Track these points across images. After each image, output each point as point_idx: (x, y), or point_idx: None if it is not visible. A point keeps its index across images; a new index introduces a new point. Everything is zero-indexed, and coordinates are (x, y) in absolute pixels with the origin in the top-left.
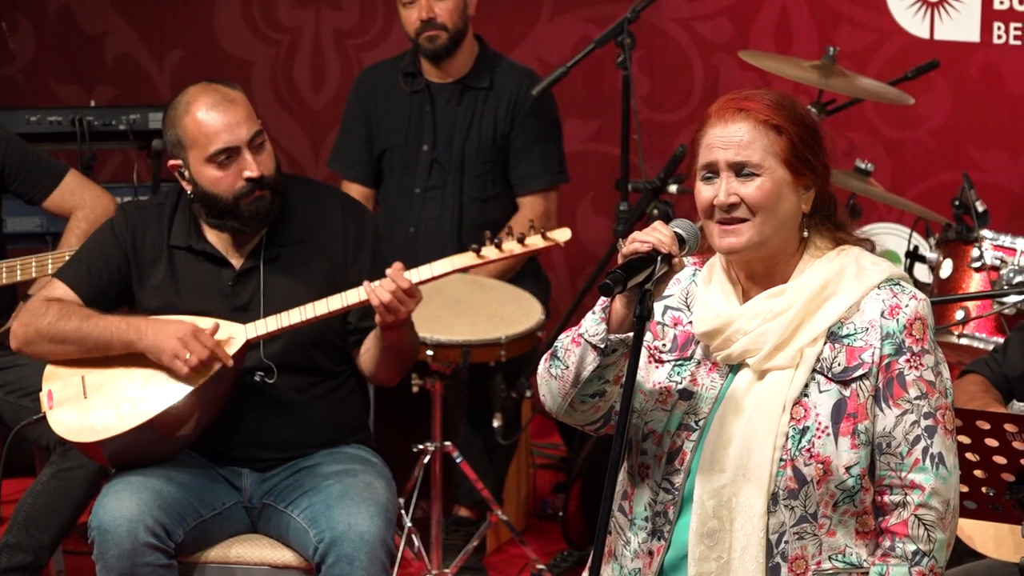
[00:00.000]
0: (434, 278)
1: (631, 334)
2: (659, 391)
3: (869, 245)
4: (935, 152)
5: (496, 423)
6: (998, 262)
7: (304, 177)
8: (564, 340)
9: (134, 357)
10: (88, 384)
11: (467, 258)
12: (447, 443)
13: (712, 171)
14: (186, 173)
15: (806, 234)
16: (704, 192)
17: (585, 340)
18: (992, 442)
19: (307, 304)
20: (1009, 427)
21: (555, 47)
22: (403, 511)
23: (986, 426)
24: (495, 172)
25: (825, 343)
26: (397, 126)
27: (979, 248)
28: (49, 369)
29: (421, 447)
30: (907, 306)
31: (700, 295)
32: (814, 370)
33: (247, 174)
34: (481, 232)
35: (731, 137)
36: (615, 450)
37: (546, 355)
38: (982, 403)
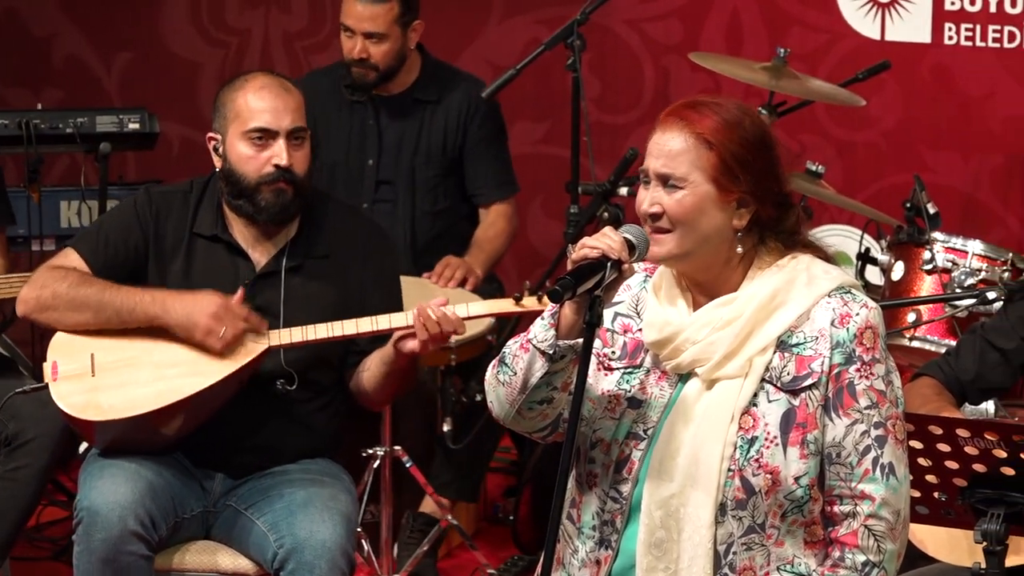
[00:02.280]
0: (472, 318)
1: (580, 340)
2: (608, 399)
3: (821, 253)
4: (886, 154)
5: (446, 427)
6: (950, 264)
7: (344, 201)
8: (512, 346)
9: (148, 341)
10: (97, 362)
11: (504, 304)
12: (397, 447)
13: (647, 177)
14: (220, 148)
15: (740, 250)
16: (639, 197)
17: (534, 346)
18: (944, 447)
19: (336, 321)
20: (961, 432)
21: (505, 49)
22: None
23: (938, 431)
24: (446, 185)
25: (775, 352)
26: (339, 140)
27: (931, 250)
28: (57, 340)
29: (371, 451)
30: (857, 315)
31: (650, 303)
32: (763, 379)
33: (276, 161)
34: (435, 246)
35: (663, 146)
36: (564, 458)
37: (494, 361)
38: (936, 406)
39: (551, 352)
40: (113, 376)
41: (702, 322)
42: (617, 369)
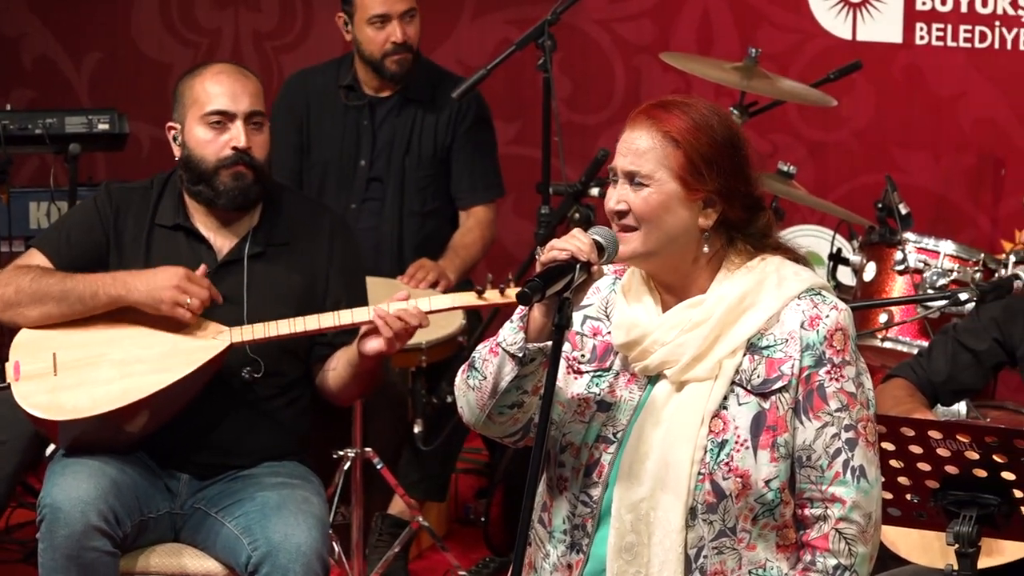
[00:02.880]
0: (435, 312)
1: (549, 343)
2: (577, 402)
3: (792, 254)
4: (858, 154)
5: (417, 429)
6: (921, 265)
7: (304, 193)
8: (482, 350)
9: (111, 339)
10: (60, 361)
11: (467, 298)
12: (368, 449)
13: (615, 175)
14: (179, 136)
15: (706, 249)
16: (607, 195)
17: (503, 349)
18: (916, 449)
19: (298, 317)
20: (934, 433)
21: (476, 49)
22: None
23: (910, 433)
24: (435, 186)
25: (744, 355)
26: (332, 141)
27: (902, 251)
28: (20, 339)
29: (342, 453)
30: (827, 317)
31: (619, 304)
32: (733, 382)
33: (234, 143)
34: (423, 247)
35: (631, 144)
36: (534, 462)
37: (464, 366)
38: (909, 407)
39: (520, 355)
40: (75, 375)
41: (671, 324)
42: (586, 372)
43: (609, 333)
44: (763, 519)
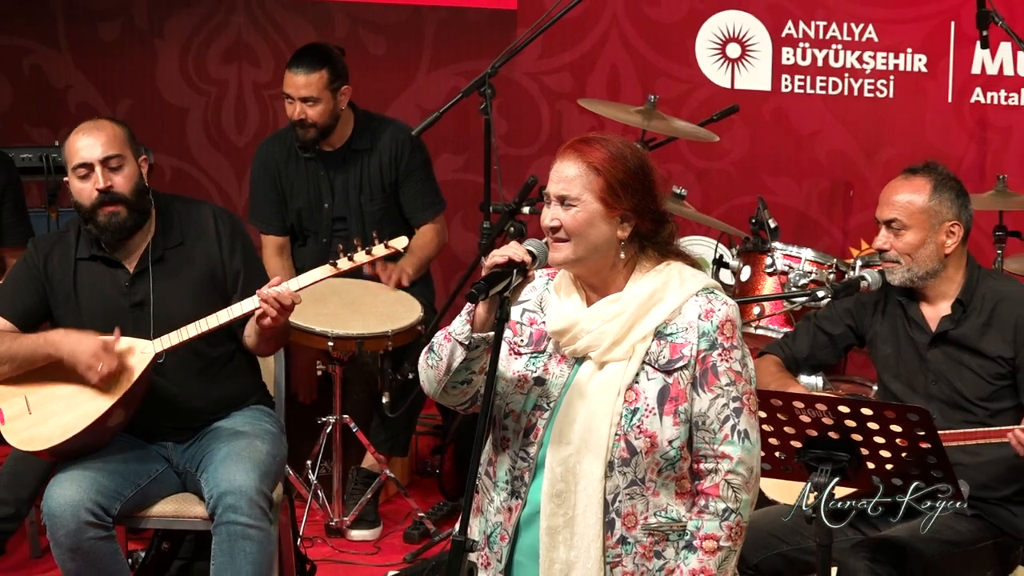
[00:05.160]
0: (303, 288)
1: (491, 333)
2: (517, 378)
3: (690, 260)
4: (736, 179)
5: (385, 399)
6: (787, 268)
7: (185, 196)
8: (438, 337)
9: (62, 372)
10: (31, 402)
11: (325, 270)
12: (345, 416)
13: (549, 199)
14: (71, 189)
15: (623, 255)
16: (543, 214)
17: (454, 338)
18: (783, 416)
19: (204, 318)
20: (797, 404)
21: (431, 95)
22: (310, 471)
23: (779, 403)
24: (389, 214)
25: (653, 340)
26: (301, 190)
27: (772, 257)
28: None
29: (324, 419)
30: (719, 310)
31: (552, 300)
32: (644, 362)
33: (96, 186)
34: (383, 265)
35: (561, 173)
36: (480, 425)
37: (425, 349)
38: (781, 380)
39: (467, 343)
40: (46, 409)
41: (594, 316)
42: (525, 354)
43: (543, 323)
44: (666, 472)
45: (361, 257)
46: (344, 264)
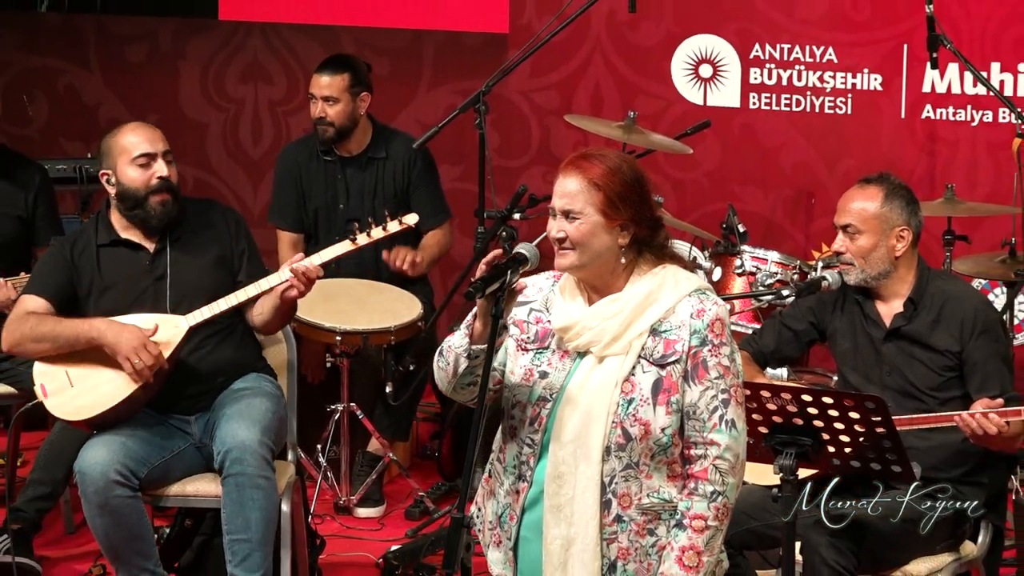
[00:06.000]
0: (324, 262)
1: (485, 346)
2: (523, 371)
3: (684, 263)
4: (708, 188)
5: (388, 388)
6: (755, 269)
7: (196, 198)
8: (447, 344)
9: (102, 352)
10: (72, 376)
11: (345, 245)
12: (352, 404)
13: (554, 212)
14: (112, 179)
15: (622, 260)
16: (549, 226)
17: (454, 351)
18: (752, 404)
19: (232, 293)
20: (764, 393)
21: (430, 112)
22: (320, 454)
23: (747, 392)
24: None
25: (648, 336)
26: (319, 190)
27: (741, 259)
28: (38, 368)
29: (332, 407)
30: (710, 310)
31: (556, 300)
32: (639, 356)
33: (159, 174)
34: (399, 251)
35: (564, 188)
36: (476, 414)
37: (437, 353)
38: (750, 373)
39: (467, 354)
40: (86, 382)
41: (595, 314)
42: (531, 349)
43: (548, 321)
44: (659, 456)
45: (377, 233)
46: (362, 239)
